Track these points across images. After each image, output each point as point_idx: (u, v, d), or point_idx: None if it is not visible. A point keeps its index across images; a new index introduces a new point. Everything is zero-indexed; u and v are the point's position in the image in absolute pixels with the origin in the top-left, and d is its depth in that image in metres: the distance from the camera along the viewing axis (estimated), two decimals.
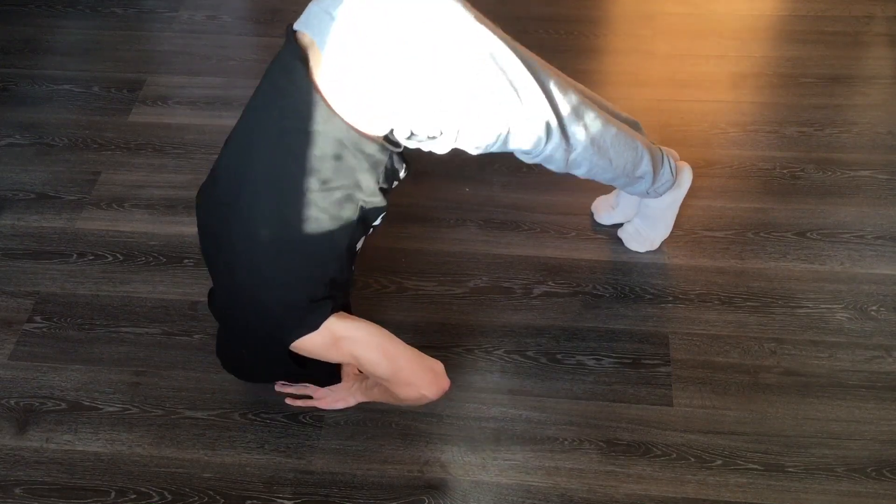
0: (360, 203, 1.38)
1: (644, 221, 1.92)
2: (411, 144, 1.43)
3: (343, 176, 1.35)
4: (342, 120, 1.32)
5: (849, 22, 2.49)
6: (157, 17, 2.60)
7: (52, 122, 2.30)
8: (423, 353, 1.47)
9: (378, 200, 1.40)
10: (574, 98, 1.49)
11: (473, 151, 1.48)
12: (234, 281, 1.43)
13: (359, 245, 1.46)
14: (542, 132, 1.46)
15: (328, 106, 1.32)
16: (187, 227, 2.04)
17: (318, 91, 1.31)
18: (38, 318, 1.87)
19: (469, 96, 1.37)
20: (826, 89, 2.30)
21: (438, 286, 1.91)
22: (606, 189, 2.03)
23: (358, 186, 1.37)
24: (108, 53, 2.49)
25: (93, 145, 2.23)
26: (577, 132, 1.51)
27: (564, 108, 1.47)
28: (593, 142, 1.54)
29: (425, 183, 2.06)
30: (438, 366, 1.47)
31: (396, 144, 1.43)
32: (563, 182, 2.10)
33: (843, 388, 1.72)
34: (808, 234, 1.97)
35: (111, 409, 1.73)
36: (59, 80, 2.41)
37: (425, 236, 2.00)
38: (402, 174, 1.44)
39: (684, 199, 1.92)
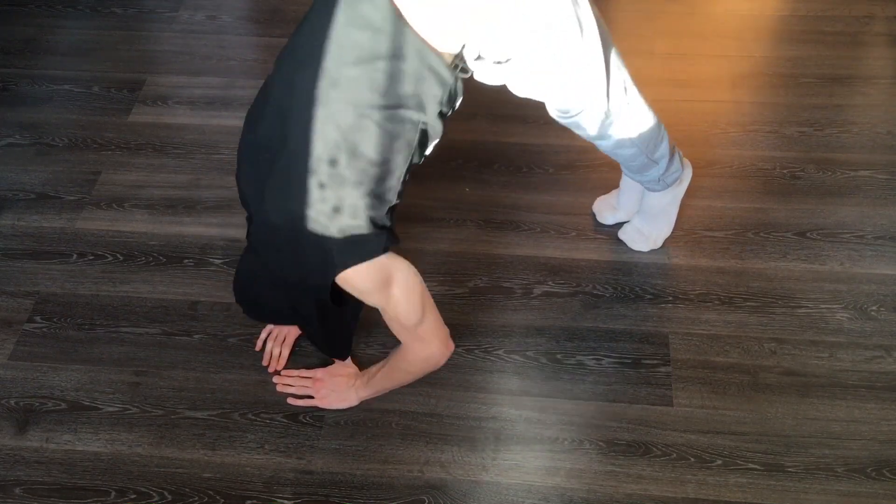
0: (421, 125, 1.33)
1: (645, 220, 1.92)
2: (476, 66, 1.39)
3: (409, 93, 1.29)
4: (414, 32, 1.27)
5: (849, 22, 2.49)
6: (157, 17, 2.60)
7: (52, 122, 2.30)
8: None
9: (436, 125, 1.35)
10: (622, 66, 1.52)
11: (521, 91, 1.47)
12: (286, 203, 1.32)
13: (408, 174, 1.40)
14: (590, 86, 1.47)
15: (400, 16, 1.25)
16: (187, 227, 2.04)
17: (391, 1, 1.25)
18: (38, 318, 1.87)
19: (543, 27, 1.35)
20: (826, 89, 2.30)
21: (438, 286, 1.91)
22: (607, 188, 2.03)
23: (421, 106, 1.31)
24: (108, 53, 2.49)
25: (93, 145, 2.23)
26: (617, 93, 1.53)
27: (613, 65, 1.50)
28: (629, 108, 1.56)
29: (425, 183, 2.06)
30: (447, 329, 1.50)
31: (464, 66, 1.38)
32: (564, 182, 2.10)
33: (843, 388, 1.72)
34: (808, 234, 1.97)
35: (111, 409, 1.73)
36: (59, 80, 2.41)
37: (425, 236, 2.00)
38: (459, 101, 1.39)
39: (684, 199, 1.92)
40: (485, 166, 2.15)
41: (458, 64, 1.37)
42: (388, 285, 1.36)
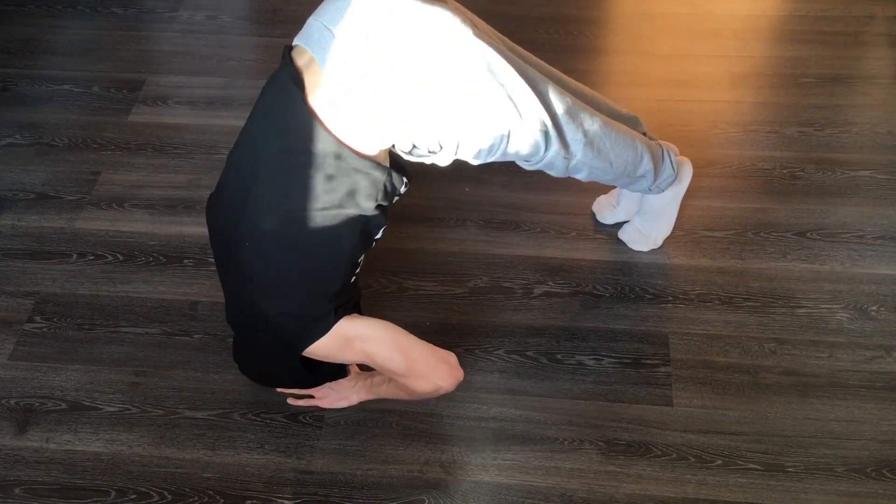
0: (360, 220, 1.39)
1: (645, 219, 1.92)
2: (412, 159, 1.43)
3: (340, 194, 1.35)
4: (338, 140, 1.32)
5: (849, 22, 2.49)
6: (157, 17, 2.60)
7: (52, 122, 2.30)
8: (434, 346, 1.49)
9: (378, 216, 1.41)
10: (572, 104, 1.49)
11: (474, 162, 1.49)
12: (243, 293, 1.45)
13: (360, 258, 1.48)
14: (540, 141, 1.46)
15: (324, 127, 1.32)
16: (187, 227, 2.04)
17: (313, 113, 1.32)
18: (38, 318, 1.87)
19: (468, 111, 1.37)
20: (826, 89, 2.30)
21: (438, 286, 1.91)
22: (606, 189, 2.03)
23: (356, 205, 1.37)
24: (108, 53, 2.49)
25: (93, 145, 2.23)
26: (576, 139, 1.51)
27: (562, 116, 1.47)
28: (592, 146, 1.54)
29: (425, 183, 2.06)
30: (451, 357, 1.49)
31: (396, 161, 1.43)
32: (564, 182, 2.09)
33: (843, 388, 1.72)
34: (808, 234, 1.97)
35: (111, 409, 1.73)
36: (59, 80, 2.41)
37: (425, 236, 2.00)
38: (402, 189, 1.44)
39: (684, 199, 1.92)
40: (485, 166, 2.14)
41: (390, 161, 1.43)
42: (350, 345, 1.43)
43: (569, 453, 1.65)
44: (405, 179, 1.44)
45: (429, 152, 1.42)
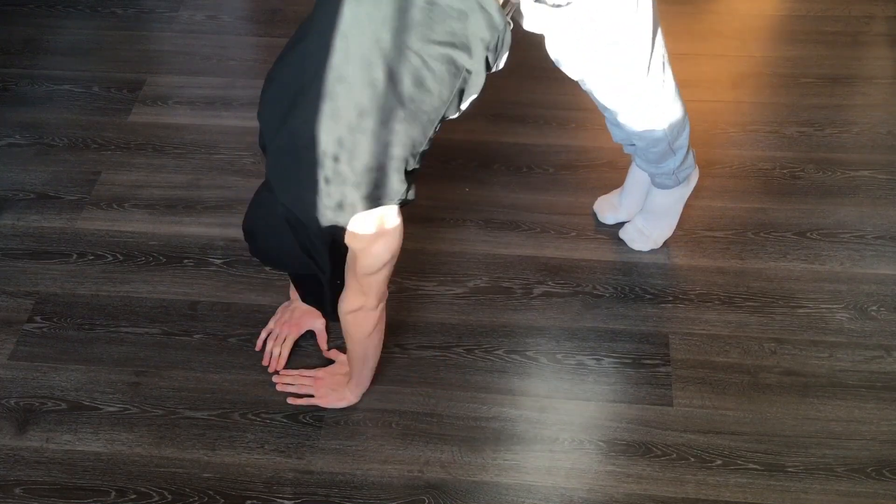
0: (464, 71, 1.30)
1: (648, 219, 1.92)
2: (530, 10, 1.39)
3: (455, 30, 1.27)
4: None
5: (849, 22, 2.49)
6: (157, 17, 2.60)
7: (52, 122, 2.30)
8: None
9: (480, 74, 1.32)
10: (663, 44, 1.56)
11: (561, 45, 1.47)
12: (312, 125, 1.29)
13: (438, 127, 1.37)
14: (634, 52, 1.50)
15: None
16: (187, 227, 2.04)
17: None
18: (38, 318, 1.87)
19: None
20: (826, 89, 2.30)
21: (438, 286, 1.91)
22: (607, 188, 2.03)
23: (469, 50, 1.29)
24: (108, 53, 2.49)
25: (93, 145, 2.23)
26: (657, 71, 1.56)
27: (658, 46, 1.54)
28: (664, 88, 1.58)
29: (425, 183, 2.05)
30: (387, 294, 1.52)
31: (517, 8, 1.38)
32: (564, 182, 2.10)
33: (843, 388, 1.72)
34: (808, 234, 1.98)
35: (111, 409, 1.73)
36: (59, 80, 2.41)
37: (425, 236, 2.00)
38: (502, 60, 1.36)
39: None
40: (485, 166, 2.15)
41: (510, 9, 1.35)
42: (378, 237, 1.38)
43: (569, 453, 1.65)
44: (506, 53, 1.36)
45: (553, 5, 1.37)
